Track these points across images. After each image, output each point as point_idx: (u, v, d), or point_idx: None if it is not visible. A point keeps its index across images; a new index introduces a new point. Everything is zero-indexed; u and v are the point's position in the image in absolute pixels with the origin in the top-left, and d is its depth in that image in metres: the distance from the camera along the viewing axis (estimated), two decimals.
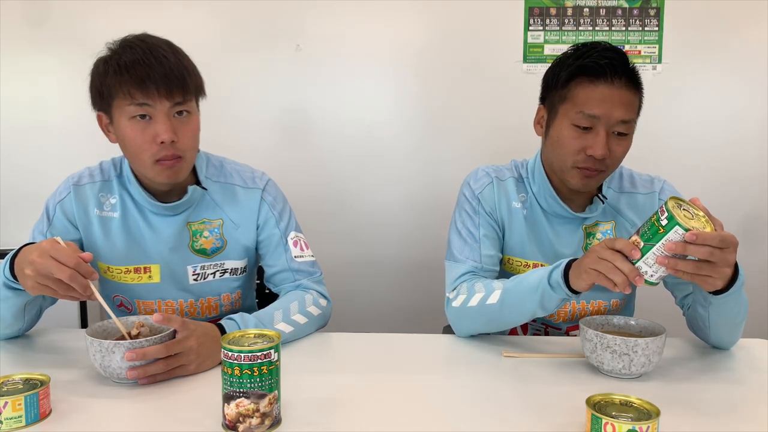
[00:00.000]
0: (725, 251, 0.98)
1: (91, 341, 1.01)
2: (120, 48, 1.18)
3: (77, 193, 1.31)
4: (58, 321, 1.39)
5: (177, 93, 1.17)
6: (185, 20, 2.37)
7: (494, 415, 0.94)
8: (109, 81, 1.16)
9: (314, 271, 1.38)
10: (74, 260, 1.01)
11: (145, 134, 1.17)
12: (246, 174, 1.38)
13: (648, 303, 1.56)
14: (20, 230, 2.38)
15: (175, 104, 1.17)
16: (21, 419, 0.87)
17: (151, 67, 1.14)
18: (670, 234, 0.96)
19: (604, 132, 1.20)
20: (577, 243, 1.35)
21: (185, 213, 1.31)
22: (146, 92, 1.14)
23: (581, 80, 1.22)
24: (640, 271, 1.00)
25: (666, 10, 2.37)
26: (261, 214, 1.36)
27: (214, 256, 1.34)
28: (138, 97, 1.14)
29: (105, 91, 1.18)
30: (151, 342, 1.02)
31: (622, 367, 1.05)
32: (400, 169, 2.47)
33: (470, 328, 1.28)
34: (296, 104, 2.44)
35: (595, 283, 1.05)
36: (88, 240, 1.32)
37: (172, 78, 1.15)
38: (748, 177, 2.45)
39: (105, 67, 1.17)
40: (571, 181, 1.27)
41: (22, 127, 2.42)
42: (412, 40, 2.40)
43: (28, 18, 2.36)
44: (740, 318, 1.17)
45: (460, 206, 1.39)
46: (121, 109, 1.17)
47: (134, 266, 1.31)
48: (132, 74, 1.14)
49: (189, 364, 1.07)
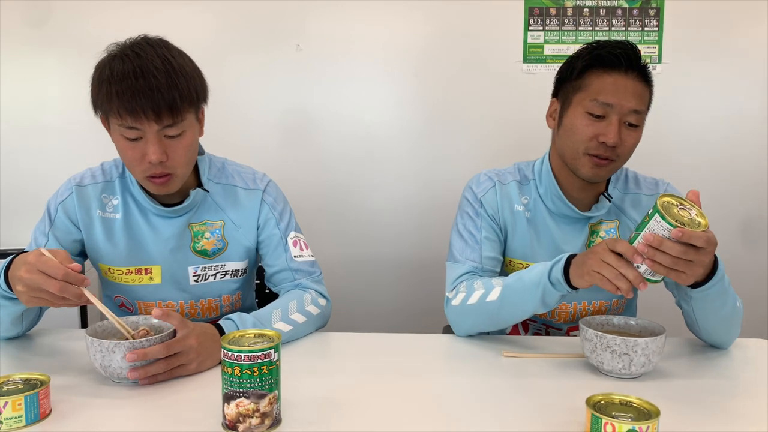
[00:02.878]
0: (701, 252, 1.00)
1: (92, 341, 1.00)
2: (114, 61, 1.15)
3: (79, 193, 1.31)
4: (58, 321, 1.39)
5: (166, 117, 1.14)
6: (185, 20, 2.37)
7: (494, 414, 0.94)
8: (101, 99, 1.15)
9: (314, 271, 1.38)
10: (62, 271, 0.99)
11: (135, 152, 1.17)
12: (247, 175, 1.39)
13: (648, 303, 1.56)
14: (20, 230, 2.39)
15: (165, 127, 1.16)
16: (21, 419, 0.87)
17: (139, 91, 1.11)
18: (652, 223, 0.99)
19: (617, 120, 1.23)
20: (582, 242, 1.36)
21: (187, 215, 1.32)
22: (134, 115, 1.12)
23: (596, 70, 1.25)
24: (639, 270, 1.01)
25: (666, 10, 2.37)
26: (261, 215, 1.36)
27: (215, 257, 1.34)
28: (128, 120, 1.13)
29: (98, 102, 1.17)
30: (152, 342, 1.01)
31: (622, 366, 1.05)
32: (399, 168, 2.47)
33: (470, 327, 1.29)
34: (296, 104, 2.44)
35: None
36: (89, 241, 1.32)
37: (161, 102, 1.12)
38: (748, 177, 2.45)
39: (99, 81, 1.16)
40: (582, 170, 1.28)
41: (23, 127, 2.42)
42: (413, 40, 2.40)
43: (29, 18, 2.36)
44: (728, 314, 1.17)
45: (462, 209, 1.40)
46: (114, 124, 1.17)
47: (135, 267, 1.31)
48: (121, 98, 1.12)
49: (189, 363, 1.06)
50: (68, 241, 1.31)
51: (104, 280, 1.36)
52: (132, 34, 1.21)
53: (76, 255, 1.33)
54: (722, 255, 1.12)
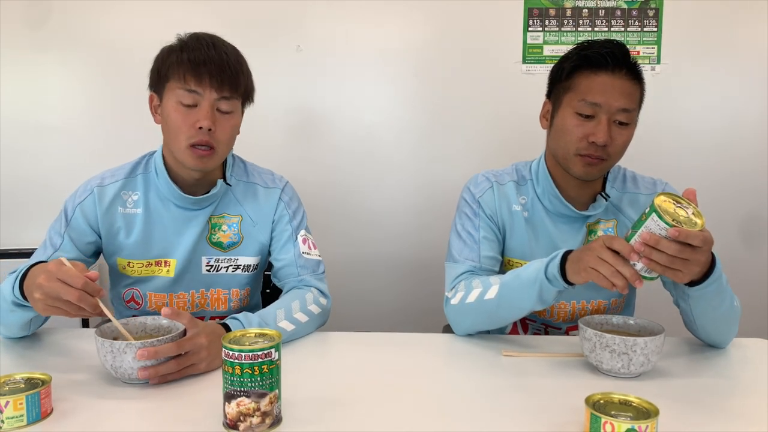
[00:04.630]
0: (697, 251, 1.00)
1: (102, 342, 1.00)
2: (188, 38, 1.26)
3: (100, 194, 1.33)
4: (59, 321, 1.38)
5: (226, 87, 1.23)
6: (185, 21, 2.36)
7: (493, 414, 0.95)
8: (169, 60, 1.24)
9: (317, 269, 1.41)
10: (81, 281, 1.01)
11: (186, 118, 1.23)
12: (267, 176, 1.46)
13: (647, 303, 1.56)
14: (20, 230, 2.39)
15: (221, 98, 1.23)
16: (22, 418, 0.88)
17: (210, 57, 1.22)
18: (649, 221, 1.00)
19: (606, 119, 1.24)
20: (580, 241, 1.36)
21: (209, 207, 1.36)
22: (198, 79, 1.21)
23: (584, 70, 1.26)
24: (635, 268, 1.02)
25: (665, 11, 2.38)
26: (278, 211, 1.42)
27: (229, 250, 1.37)
28: (190, 82, 1.21)
29: (163, 70, 1.25)
30: (162, 341, 1.02)
31: (621, 366, 1.06)
32: (400, 168, 2.47)
33: (469, 326, 1.29)
34: (296, 104, 2.44)
35: None
36: (109, 238, 1.34)
37: (226, 71, 1.22)
38: (748, 177, 2.45)
39: (169, 51, 1.26)
40: (574, 169, 1.29)
41: (23, 127, 2.41)
42: (412, 40, 2.40)
43: (29, 19, 2.36)
44: (725, 313, 1.17)
45: (461, 210, 1.41)
46: (172, 91, 1.23)
47: (155, 260, 1.34)
48: (191, 58, 1.21)
49: (200, 362, 1.07)
50: (83, 243, 1.32)
51: (118, 275, 1.37)
52: (132, 33, 1.23)
53: (89, 257, 1.34)
54: (722, 255, 1.12)
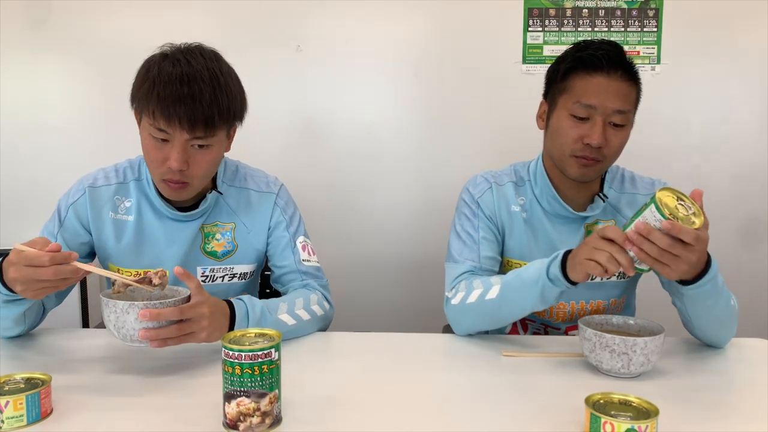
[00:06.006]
0: (689, 248, 1.00)
1: (107, 302, 1.02)
2: (164, 61, 1.17)
3: (92, 195, 1.32)
4: (59, 321, 1.39)
5: (199, 129, 1.16)
6: (185, 21, 2.37)
7: (493, 413, 0.95)
8: (141, 95, 1.17)
9: (321, 276, 1.40)
10: (47, 257, 0.99)
11: (158, 153, 1.19)
12: (260, 179, 1.41)
13: (647, 303, 1.56)
14: (20, 230, 2.39)
15: (194, 138, 1.17)
16: (22, 418, 0.88)
17: (181, 97, 1.13)
18: (646, 212, 1.01)
19: (601, 121, 1.24)
20: (578, 242, 1.35)
21: (201, 219, 1.33)
22: (167, 120, 1.14)
23: (579, 72, 1.26)
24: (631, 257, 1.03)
25: (665, 11, 2.38)
26: (273, 218, 1.39)
27: (224, 259, 1.36)
28: (159, 121, 1.15)
29: (137, 101, 1.20)
30: (165, 304, 1.03)
31: (621, 366, 1.06)
32: (400, 169, 2.47)
33: (470, 326, 1.29)
34: (296, 105, 2.44)
35: (591, 274, 1.07)
36: (99, 242, 1.33)
37: (198, 115, 1.14)
38: (747, 177, 2.46)
39: (144, 77, 1.17)
40: (570, 171, 1.29)
41: (23, 127, 2.42)
42: (412, 40, 2.41)
43: (29, 19, 2.36)
44: (721, 314, 1.17)
45: (460, 211, 1.41)
46: (145, 121, 1.18)
47: (144, 270, 1.32)
48: (161, 101, 1.13)
49: (200, 331, 1.07)
50: (76, 243, 1.31)
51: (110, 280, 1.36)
52: (132, 33, 1.22)
53: (84, 257, 1.33)
54: (722, 255, 1.12)
